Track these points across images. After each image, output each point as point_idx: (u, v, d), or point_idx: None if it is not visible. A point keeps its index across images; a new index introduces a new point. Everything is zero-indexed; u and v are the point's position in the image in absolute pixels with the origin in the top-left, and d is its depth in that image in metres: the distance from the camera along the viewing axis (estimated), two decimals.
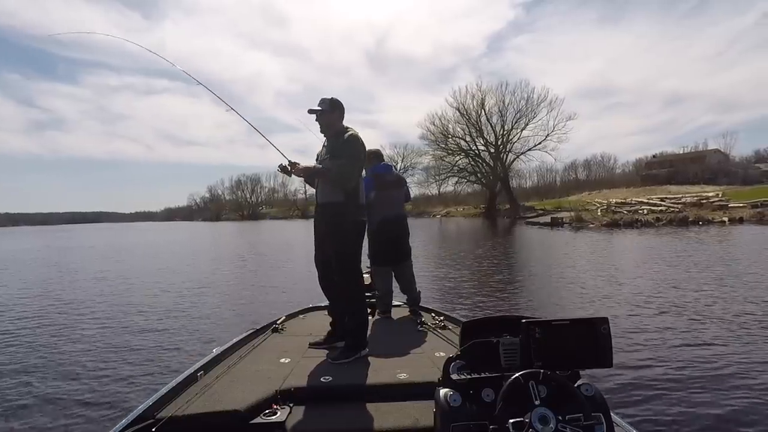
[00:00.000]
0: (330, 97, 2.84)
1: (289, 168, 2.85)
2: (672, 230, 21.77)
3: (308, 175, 2.87)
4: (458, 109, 51.66)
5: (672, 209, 29.89)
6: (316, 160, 2.96)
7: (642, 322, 5.59)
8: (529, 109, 49.17)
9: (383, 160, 4.13)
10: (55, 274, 12.84)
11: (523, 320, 1.49)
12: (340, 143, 2.75)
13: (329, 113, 2.83)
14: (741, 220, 25.01)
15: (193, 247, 23.03)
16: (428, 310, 3.85)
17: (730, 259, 10.81)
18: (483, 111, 51.15)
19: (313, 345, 2.82)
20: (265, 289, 9.27)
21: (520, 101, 49.59)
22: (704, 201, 31.55)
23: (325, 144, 2.93)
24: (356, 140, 2.76)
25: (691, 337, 4.87)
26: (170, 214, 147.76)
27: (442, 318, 3.43)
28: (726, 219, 25.44)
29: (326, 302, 3.06)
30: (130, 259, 17.47)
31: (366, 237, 3.94)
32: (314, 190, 2.94)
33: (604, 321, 1.49)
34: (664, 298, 6.89)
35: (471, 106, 51.38)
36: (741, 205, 28.95)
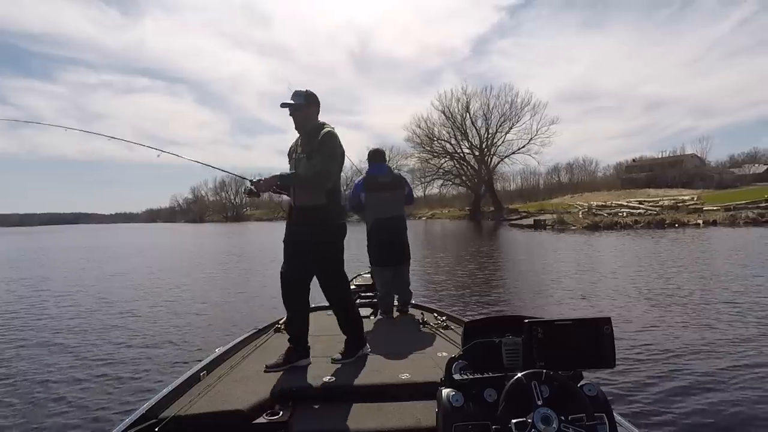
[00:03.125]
0: (305, 90, 2.63)
1: (254, 189, 2.60)
2: (650, 232, 22.34)
3: (275, 184, 2.57)
4: (444, 112, 52.27)
5: (650, 212, 30.64)
6: (290, 157, 2.76)
7: (642, 321, 5.68)
8: (513, 112, 50.15)
9: (383, 161, 4.08)
10: (52, 276, 12.54)
11: (526, 320, 1.50)
12: (318, 141, 2.55)
13: (305, 107, 2.62)
14: (714, 223, 25.75)
15: (186, 249, 22.73)
16: (430, 310, 3.88)
17: (712, 259, 11.15)
18: (468, 114, 51.87)
19: (270, 368, 2.43)
20: (265, 289, 9.21)
21: (504, 105, 50.53)
22: (680, 204, 32.47)
23: (300, 142, 2.72)
24: (333, 137, 2.58)
25: (692, 336, 4.95)
26: (152, 216, 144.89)
27: (444, 318, 3.46)
28: (700, 222, 26.18)
29: (327, 302, 3.06)
30: (125, 260, 17.11)
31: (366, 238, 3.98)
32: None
33: (607, 321, 1.49)
34: (660, 297, 7.04)
35: (456, 110, 52.04)
36: (715, 208, 29.84)
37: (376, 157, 4.04)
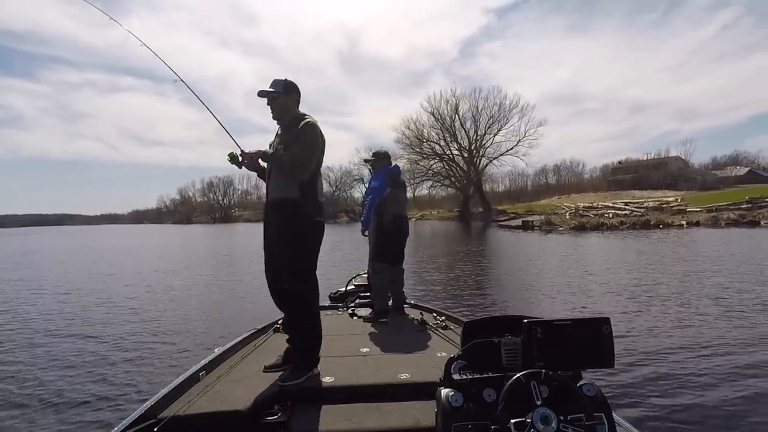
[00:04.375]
0: (284, 79, 2.52)
1: (240, 158, 2.51)
2: (635, 233, 22.77)
3: (258, 158, 2.49)
4: (433, 114, 52.45)
5: (635, 213, 31.20)
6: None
7: (638, 321, 5.75)
8: (502, 115, 50.51)
9: (391, 162, 4.27)
10: (43, 277, 12.31)
11: (525, 320, 1.51)
12: (296, 131, 2.42)
13: (284, 96, 2.49)
14: (698, 224, 26.36)
15: (178, 250, 22.43)
16: (429, 310, 3.90)
17: (700, 259, 11.37)
18: (457, 116, 52.11)
19: (269, 368, 2.47)
20: (263, 289, 9.15)
21: (493, 107, 50.82)
22: (665, 205, 33.14)
23: (279, 132, 2.60)
24: (314, 128, 2.44)
25: (689, 336, 5.00)
26: (138, 217, 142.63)
27: (443, 318, 3.49)
28: (684, 222, 26.77)
29: (327, 302, 3.05)
30: (116, 261, 16.82)
31: (373, 233, 3.97)
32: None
33: (606, 321, 1.50)
34: (654, 297, 7.15)
35: (445, 111, 52.24)
36: (698, 209, 30.53)
37: (389, 157, 4.26)
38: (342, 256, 12.18)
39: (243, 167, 2.56)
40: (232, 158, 2.53)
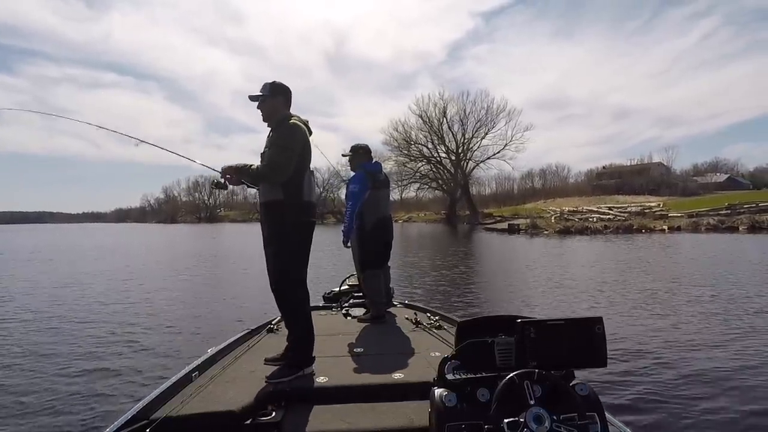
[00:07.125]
0: (272, 81, 2.59)
1: (223, 181, 2.54)
2: (618, 237, 23.21)
3: (237, 174, 2.49)
4: (421, 116, 52.66)
5: (618, 218, 31.83)
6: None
7: (630, 321, 5.84)
8: (489, 118, 50.98)
9: (372, 158, 3.96)
10: (44, 273, 12.10)
11: (518, 320, 1.53)
12: (277, 132, 2.47)
13: (270, 99, 2.55)
14: (679, 229, 27.00)
15: (166, 250, 22.15)
16: (423, 310, 3.89)
17: (685, 262, 11.67)
18: (445, 119, 52.42)
19: (269, 360, 2.50)
20: (259, 289, 9.10)
21: (480, 111, 51.25)
22: (647, 210, 33.84)
23: (269, 135, 2.62)
24: (291, 128, 2.46)
25: (683, 336, 5.08)
26: (121, 215, 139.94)
27: (437, 318, 3.48)
28: (666, 227, 27.36)
29: (321, 302, 3.04)
30: (116, 259, 16.59)
31: (355, 241, 3.76)
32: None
33: (599, 321, 1.53)
34: (643, 298, 7.28)
35: (433, 114, 52.49)
36: (679, 215, 31.30)
37: (369, 153, 3.93)
38: (333, 258, 12.21)
39: (230, 184, 2.57)
40: (217, 184, 2.55)
